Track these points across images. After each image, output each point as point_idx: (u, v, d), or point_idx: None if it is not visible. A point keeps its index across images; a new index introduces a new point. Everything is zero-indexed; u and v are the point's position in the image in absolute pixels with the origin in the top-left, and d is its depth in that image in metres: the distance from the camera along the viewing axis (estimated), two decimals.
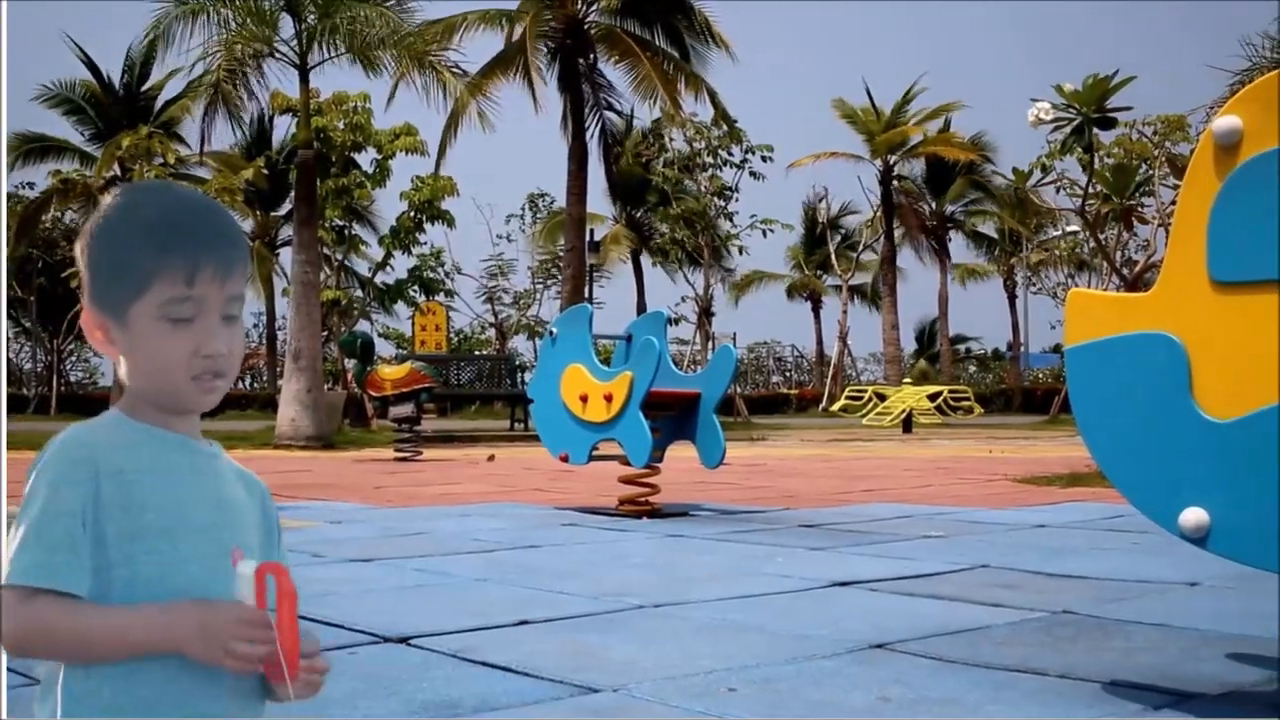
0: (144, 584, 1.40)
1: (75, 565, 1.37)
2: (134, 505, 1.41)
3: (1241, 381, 3.22)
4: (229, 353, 1.48)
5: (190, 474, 1.48)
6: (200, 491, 1.48)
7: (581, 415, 8.80)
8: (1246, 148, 3.25)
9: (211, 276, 1.45)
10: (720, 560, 6.48)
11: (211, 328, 1.46)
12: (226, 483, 1.52)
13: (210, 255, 1.45)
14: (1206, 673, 3.82)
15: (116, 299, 1.46)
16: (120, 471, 1.42)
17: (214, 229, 1.48)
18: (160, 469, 1.45)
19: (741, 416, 34.95)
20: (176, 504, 1.44)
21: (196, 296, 1.45)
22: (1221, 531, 3.25)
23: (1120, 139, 19.81)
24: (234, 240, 1.49)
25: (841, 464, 16.32)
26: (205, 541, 1.45)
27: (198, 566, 1.43)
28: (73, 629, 1.36)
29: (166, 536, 1.42)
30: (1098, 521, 8.29)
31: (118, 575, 1.40)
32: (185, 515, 1.45)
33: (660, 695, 3.52)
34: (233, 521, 1.50)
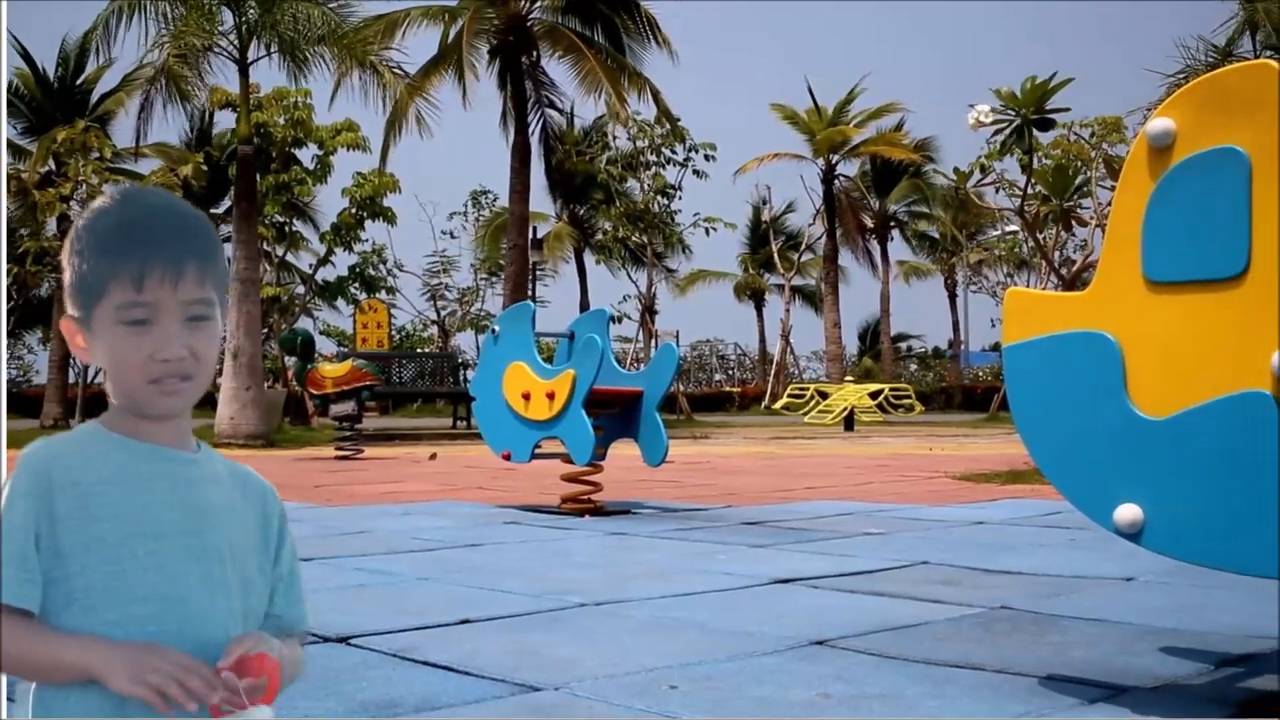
0: (100, 594, 1.41)
1: (23, 580, 1.38)
2: (90, 516, 1.42)
3: (1175, 380, 3.27)
4: (192, 355, 1.47)
5: (160, 480, 1.47)
6: (169, 498, 1.47)
7: (524, 413, 8.77)
8: (1180, 149, 3.29)
9: (160, 280, 1.44)
10: (662, 558, 6.49)
11: (169, 331, 1.45)
12: (208, 487, 1.51)
13: (158, 259, 1.45)
14: (1141, 666, 3.87)
15: (82, 305, 1.47)
16: (76, 483, 1.42)
17: (167, 233, 1.47)
18: (125, 478, 1.45)
19: (684, 414, 35.01)
20: (138, 512, 1.44)
21: (147, 301, 1.44)
22: (1155, 527, 3.30)
23: (1058, 140, 20.04)
24: (189, 242, 1.48)
25: (784, 462, 16.40)
26: (170, 549, 1.45)
27: (158, 575, 1.43)
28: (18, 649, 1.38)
29: (124, 545, 1.42)
30: (1035, 518, 8.39)
31: (75, 586, 1.41)
32: (147, 523, 1.44)
33: (602, 693, 3.52)
34: (212, 526, 1.49)
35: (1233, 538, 3.19)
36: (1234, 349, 3.16)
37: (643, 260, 38.52)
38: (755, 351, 61.23)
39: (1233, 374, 3.15)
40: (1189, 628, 4.47)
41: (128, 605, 1.41)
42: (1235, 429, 3.13)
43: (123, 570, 1.42)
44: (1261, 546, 3.13)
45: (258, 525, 1.56)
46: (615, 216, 37.29)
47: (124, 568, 1.42)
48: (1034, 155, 14.35)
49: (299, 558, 1.64)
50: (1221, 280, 3.19)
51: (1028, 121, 11.59)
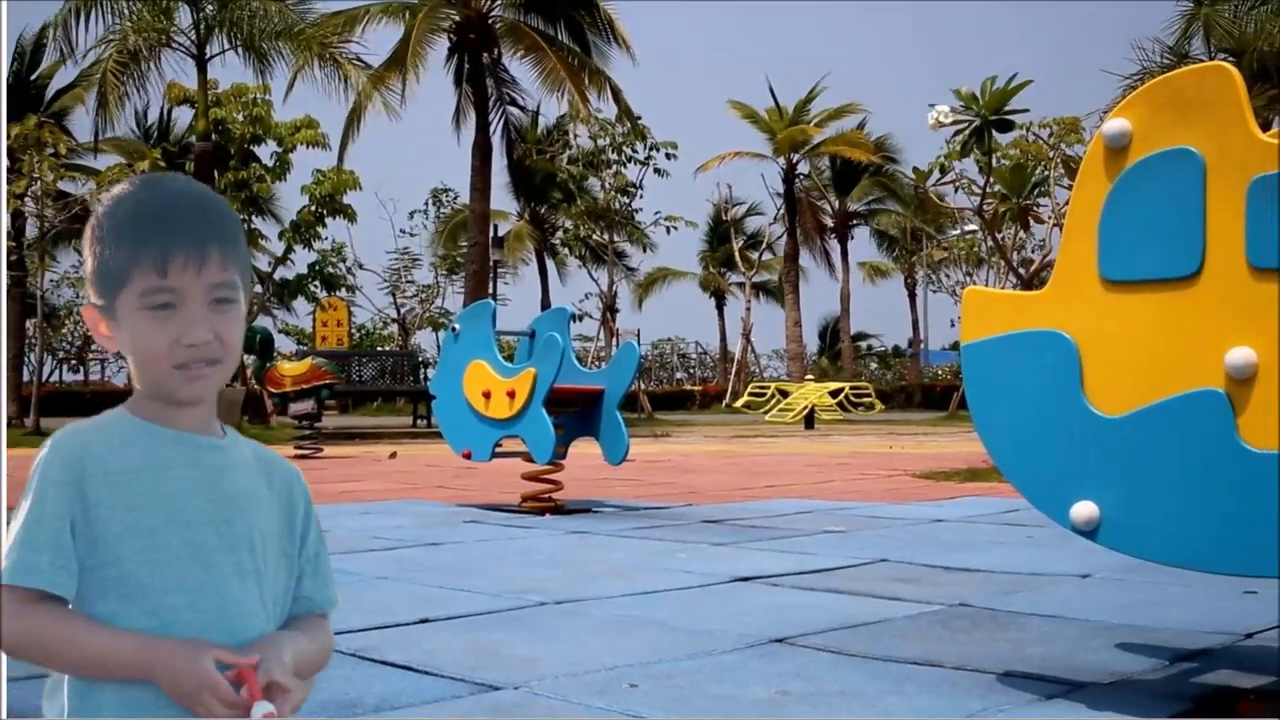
0: (134, 582, 1.42)
1: (58, 566, 1.39)
2: (121, 504, 1.42)
3: (1130, 378, 3.30)
4: (217, 339, 1.47)
5: (186, 468, 1.47)
6: (196, 486, 1.47)
7: (484, 412, 8.75)
8: (1135, 150, 3.32)
9: (184, 265, 1.44)
10: (623, 556, 6.49)
11: (194, 315, 1.45)
12: (235, 474, 1.51)
13: (181, 243, 1.45)
14: (1097, 662, 3.91)
15: (105, 293, 1.48)
16: (108, 471, 1.42)
17: (187, 218, 1.47)
18: (152, 466, 1.45)
19: (645, 413, 35.03)
20: (166, 500, 1.44)
21: (172, 286, 1.44)
22: (1111, 525, 3.33)
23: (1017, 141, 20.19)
24: (210, 227, 1.48)
25: (744, 460, 16.43)
26: (200, 536, 1.45)
27: (190, 562, 1.44)
28: (64, 646, 1.39)
29: (158, 534, 1.43)
30: (994, 516, 8.44)
31: (109, 575, 1.41)
32: (176, 511, 1.45)
33: (562, 692, 3.51)
34: (240, 513, 1.49)
35: (1187, 535, 3.22)
36: (1189, 348, 3.19)
37: (604, 259, 38.49)
38: (716, 350, 61.36)
39: (1187, 372, 3.18)
40: (1144, 624, 4.51)
41: (164, 595, 1.42)
42: (1190, 427, 3.16)
43: (158, 559, 1.43)
44: (1215, 543, 3.17)
45: (283, 510, 1.56)
46: (576, 215, 37.27)
47: (159, 557, 1.43)
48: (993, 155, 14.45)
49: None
50: (1176, 280, 3.22)
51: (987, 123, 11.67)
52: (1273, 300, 3.06)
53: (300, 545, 1.58)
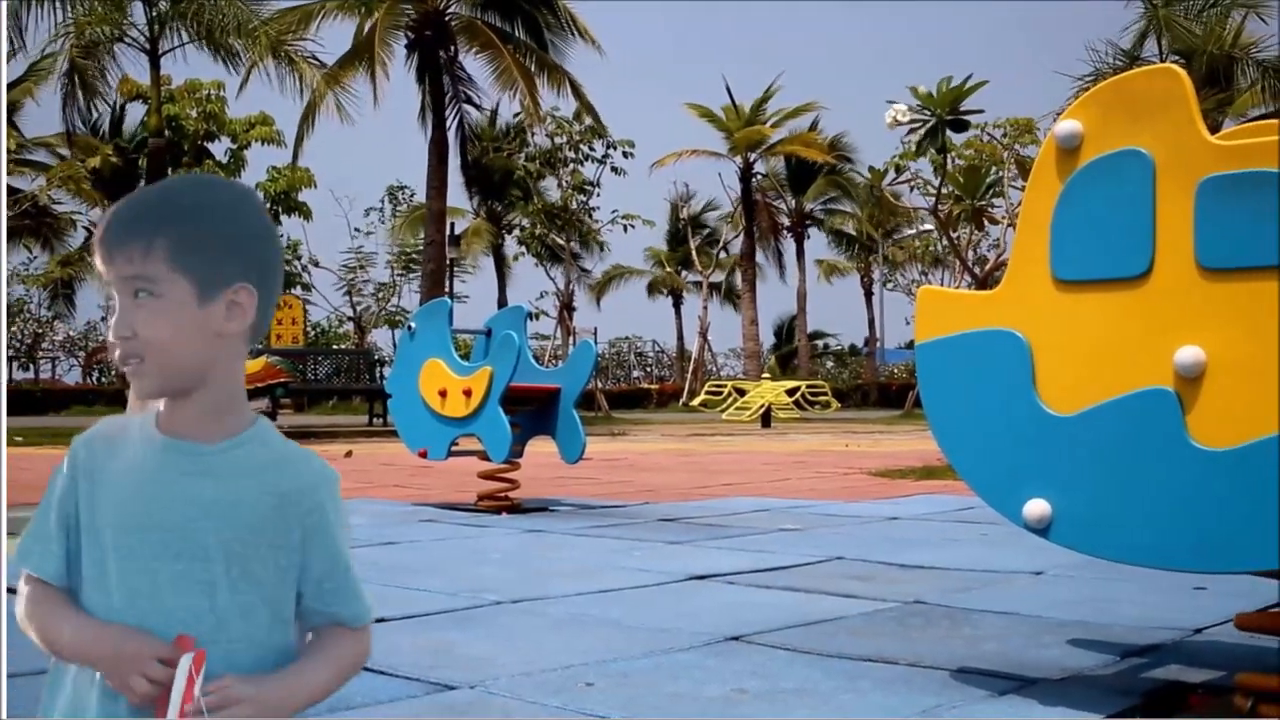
0: (90, 581, 1.47)
1: (46, 553, 1.47)
2: (96, 503, 1.47)
3: (1082, 377, 3.33)
4: (137, 335, 1.45)
5: (165, 472, 1.48)
6: (168, 490, 1.47)
7: (440, 410, 8.72)
8: (1087, 150, 3.35)
9: (104, 259, 1.47)
10: (579, 555, 6.49)
11: (118, 309, 1.47)
12: (208, 481, 1.48)
13: (103, 239, 1.47)
14: (1049, 658, 3.94)
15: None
16: (93, 470, 1.48)
17: (117, 212, 1.48)
18: (134, 468, 1.48)
19: (602, 411, 35.03)
20: (133, 503, 1.46)
21: (108, 283, 1.48)
22: (1062, 522, 3.36)
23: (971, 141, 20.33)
24: (126, 220, 1.47)
25: (701, 458, 16.46)
26: (144, 542, 1.46)
27: (131, 567, 1.45)
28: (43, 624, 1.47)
29: (111, 534, 1.46)
30: (948, 513, 8.50)
31: (78, 569, 1.49)
32: (137, 515, 1.46)
33: (517, 691, 3.51)
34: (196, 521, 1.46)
35: (1138, 532, 3.26)
36: (1139, 347, 3.23)
37: (560, 257, 38.44)
38: (673, 349, 61.43)
39: (1137, 371, 3.21)
40: (1096, 620, 4.56)
41: (107, 595, 1.46)
42: (1139, 425, 3.19)
43: (104, 560, 1.46)
44: (1165, 540, 3.20)
45: (276, 521, 1.50)
46: (533, 213, 37.20)
47: (105, 557, 1.46)
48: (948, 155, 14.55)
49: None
50: (1126, 279, 3.26)
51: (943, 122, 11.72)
52: (1221, 300, 3.10)
53: (305, 555, 1.53)
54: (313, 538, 1.54)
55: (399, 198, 47.00)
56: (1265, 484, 2.99)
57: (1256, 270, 3.05)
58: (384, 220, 47.29)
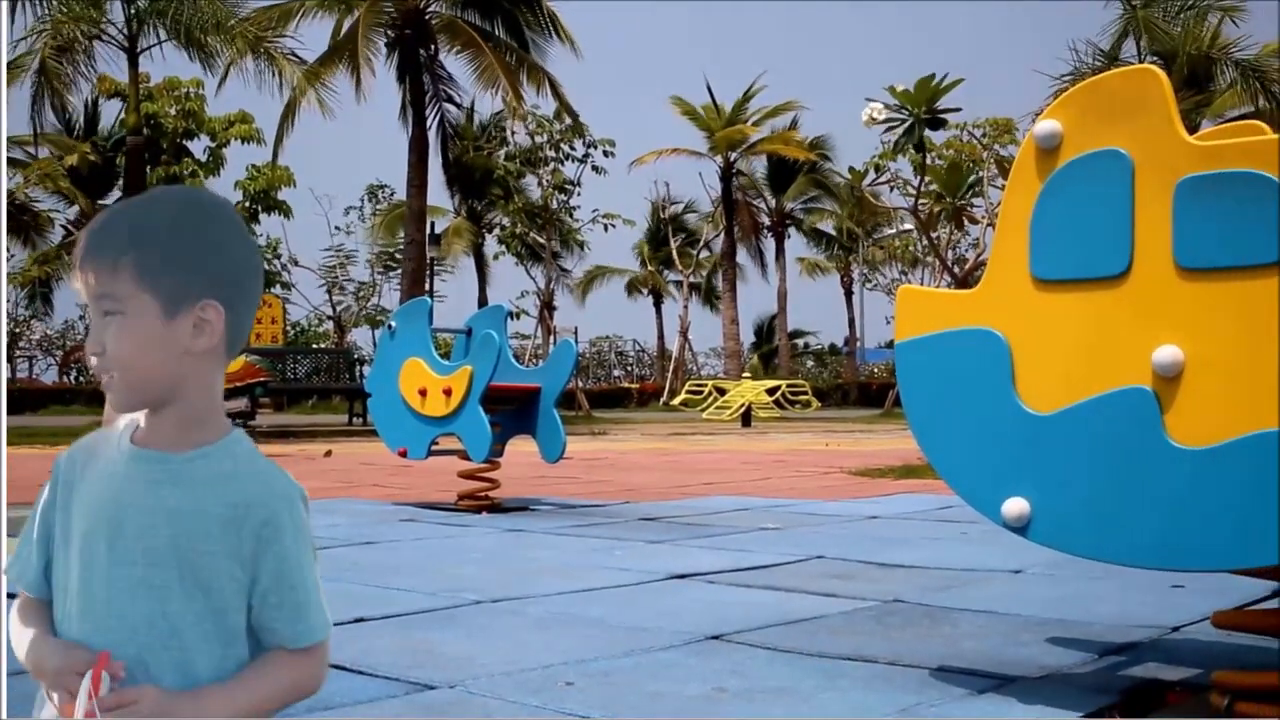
0: (57, 588, 1.52)
1: (25, 564, 1.52)
2: (67, 512, 1.51)
3: (1060, 376, 3.34)
4: (106, 351, 1.48)
5: (129, 481, 1.50)
6: (128, 499, 1.49)
7: (420, 409, 8.70)
8: (1066, 150, 3.36)
9: (81, 279, 1.49)
10: (560, 555, 6.48)
11: (92, 327, 1.50)
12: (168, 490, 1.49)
13: (78, 256, 1.49)
14: (1028, 656, 3.96)
15: None
16: (74, 480, 1.52)
17: (88, 230, 1.50)
18: (103, 476, 1.51)
19: (583, 410, 34.99)
20: (96, 511, 1.49)
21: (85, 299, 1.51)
22: (1041, 521, 3.37)
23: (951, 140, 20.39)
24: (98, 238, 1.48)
25: (682, 458, 16.47)
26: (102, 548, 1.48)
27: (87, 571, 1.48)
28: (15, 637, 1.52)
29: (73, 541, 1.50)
30: (928, 512, 8.52)
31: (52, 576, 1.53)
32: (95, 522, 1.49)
33: (497, 691, 3.50)
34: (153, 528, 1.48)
35: (1116, 530, 3.27)
36: (1117, 346, 3.24)
37: (541, 257, 38.42)
38: (654, 348, 61.43)
39: (1115, 370, 3.22)
40: (1074, 618, 4.58)
41: (66, 600, 1.50)
42: (1118, 424, 3.20)
43: (67, 567, 1.50)
44: (1143, 539, 3.22)
45: (230, 533, 1.49)
46: (513, 212, 37.16)
47: (68, 564, 1.50)
48: (927, 154, 14.59)
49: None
50: (1105, 279, 3.27)
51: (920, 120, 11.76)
52: (1199, 299, 3.12)
53: (256, 572, 1.52)
54: (263, 552, 1.51)
55: (379, 196, 46.91)
56: (1242, 482, 3.01)
57: (1234, 270, 3.07)
58: (364, 219, 47.19)
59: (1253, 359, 3.01)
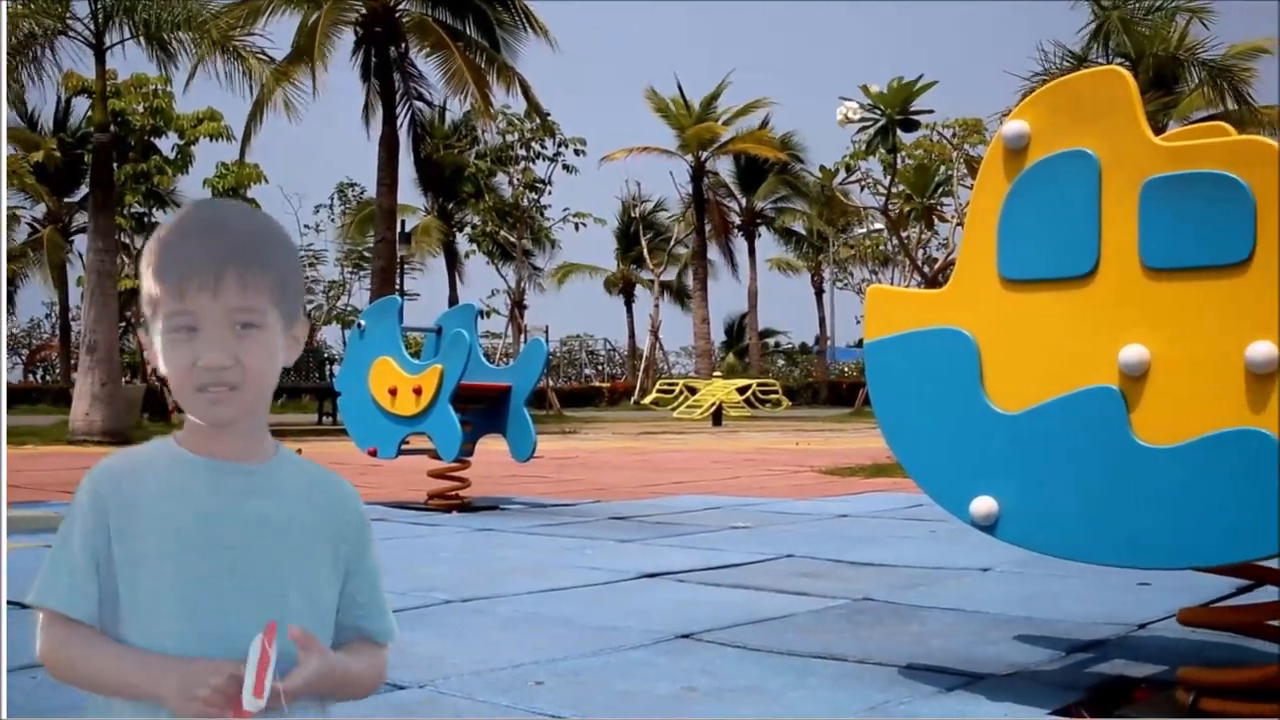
0: (145, 608, 1.45)
1: (73, 589, 1.45)
2: (138, 532, 1.45)
3: (1028, 375, 3.36)
4: (238, 363, 1.47)
5: (209, 494, 1.48)
6: (214, 513, 1.48)
7: (390, 408, 8.68)
8: (1033, 151, 3.38)
9: (199, 289, 1.46)
10: (530, 554, 6.48)
11: (212, 339, 1.46)
12: (260, 500, 1.51)
13: (195, 268, 1.46)
14: (995, 654, 3.98)
15: (146, 320, 1.52)
16: (128, 500, 1.46)
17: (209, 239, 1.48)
18: (174, 493, 1.47)
19: (554, 409, 34.97)
20: (183, 527, 1.46)
21: (189, 310, 1.46)
22: (1009, 519, 3.39)
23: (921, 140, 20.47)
24: (229, 251, 1.48)
25: (652, 456, 16.47)
26: (208, 563, 1.46)
27: (197, 589, 1.46)
28: (84, 663, 1.45)
29: (168, 560, 1.45)
30: (897, 511, 8.56)
31: (125, 602, 1.45)
32: (188, 538, 1.46)
33: (467, 690, 3.50)
34: (258, 539, 1.49)
35: (1083, 528, 3.29)
36: (1084, 345, 3.26)
37: (512, 255, 38.34)
38: (625, 347, 61.43)
39: (1083, 369, 3.24)
40: (1042, 616, 4.60)
41: (174, 620, 1.44)
42: (1085, 423, 3.22)
43: (167, 585, 1.45)
44: (1110, 536, 3.24)
45: (324, 538, 1.55)
46: (484, 211, 37.07)
47: (165, 584, 1.45)
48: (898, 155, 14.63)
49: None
50: (1072, 279, 3.29)
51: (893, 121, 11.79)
52: (1165, 299, 3.14)
53: (347, 574, 1.57)
54: (354, 556, 1.58)
55: (349, 195, 46.71)
56: (1208, 480, 3.03)
57: (1200, 270, 3.09)
58: (334, 218, 47.00)
59: (1217, 358, 3.04)
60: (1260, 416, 2.97)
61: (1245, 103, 26.54)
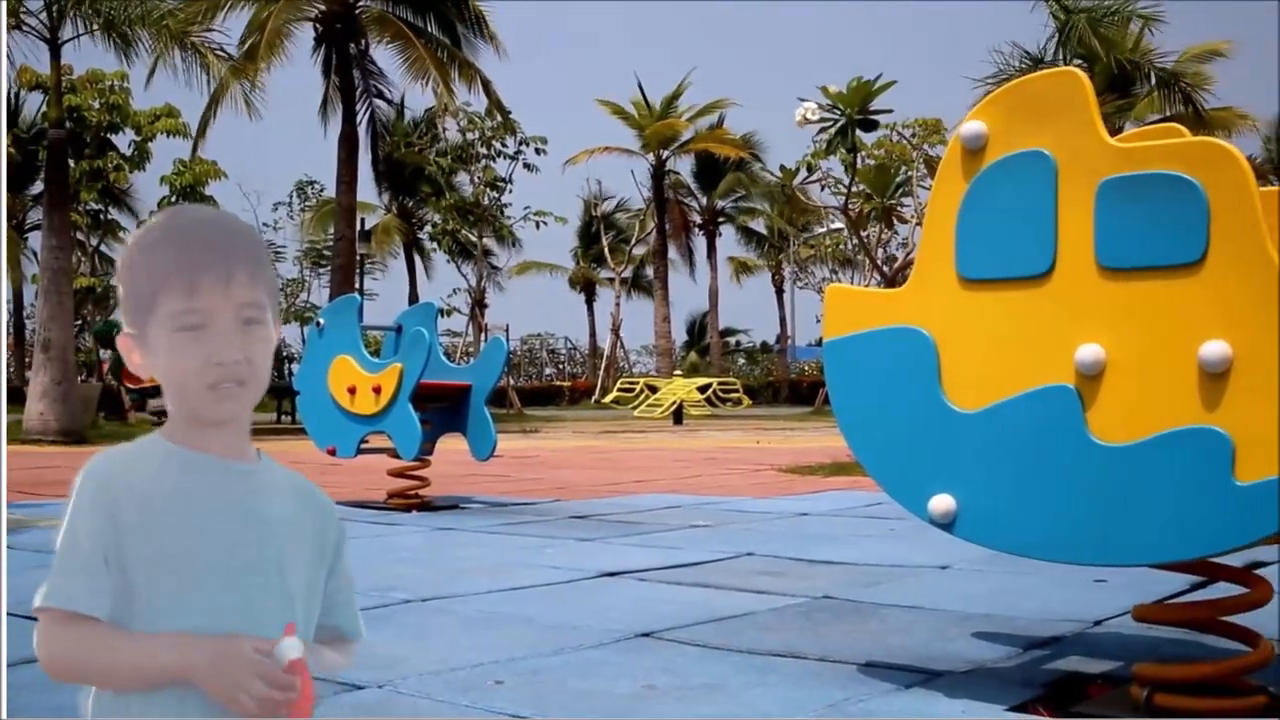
0: (164, 606, 1.45)
1: (92, 589, 1.42)
2: (153, 528, 1.45)
3: (986, 374, 3.38)
4: (247, 359, 1.50)
5: (216, 493, 1.49)
6: (226, 510, 1.49)
7: (349, 407, 8.63)
8: (991, 151, 3.41)
9: (211, 284, 1.47)
10: (490, 553, 6.46)
11: (223, 335, 1.48)
12: (265, 498, 1.53)
13: (207, 264, 1.48)
14: (954, 651, 4.00)
15: (137, 324, 1.51)
16: (140, 496, 1.45)
17: (214, 237, 1.51)
18: (183, 490, 1.48)
19: (514, 408, 34.89)
20: (195, 525, 1.47)
21: (200, 307, 1.47)
22: (967, 517, 3.41)
23: (881, 141, 20.55)
24: (236, 247, 1.51)
25: (613, 455, 16.47)
26: (227, 560, 1.47)
27: (217, 586, 1.46)
28: (100, 658, 1.43)
29: (186, 557, 1.45)
30: (857, 509, 8.59)
31: (139, 598, 1.44)
32: (204, 535, 1.47)
33: (426, 690, 3.48)
34: (269, 537, 1.51)
35: (1040, 526, 3.31)
36: (1041, 344, 3.29)
37: (472, 254, 38.24)
38: (586, 345, 61.37)
39: (1039, 369, 3.27)
40: (1000, 613, 4.64)
41: (192, 616, 1.45)
42: (1041, 422, 3.25)
43: (185, 583, 1.45)
44: (1066, 534, 3.26)
45: (313, 539, 1.57)
46: (445, 209, 36.95)
47: (186, 580, 1.45)
48: (858, 154, 14.69)
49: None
50: (1029, 278, 3.31)
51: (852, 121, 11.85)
52: (1120, 299, 3.17)
53: (331, 575, 1.61)
54: (336, 556, 1.62)
55: (308, 193, 46.42)
56: (1162, 478, 3.06)
57: (1154, 270, 3.12)
58: (293, 215, 46.69)
59: (1171, 357, 3.07)
60: (1213, 415, 3.00)
61: (1194, 106, 26.84)
